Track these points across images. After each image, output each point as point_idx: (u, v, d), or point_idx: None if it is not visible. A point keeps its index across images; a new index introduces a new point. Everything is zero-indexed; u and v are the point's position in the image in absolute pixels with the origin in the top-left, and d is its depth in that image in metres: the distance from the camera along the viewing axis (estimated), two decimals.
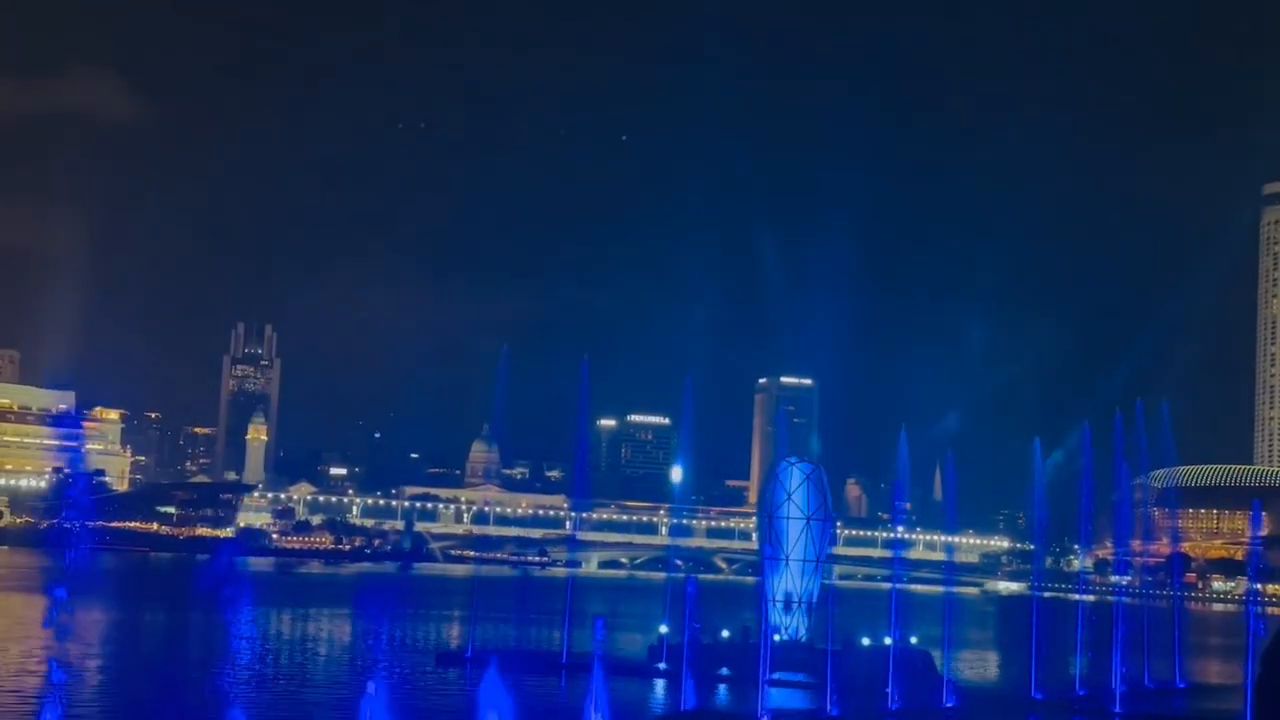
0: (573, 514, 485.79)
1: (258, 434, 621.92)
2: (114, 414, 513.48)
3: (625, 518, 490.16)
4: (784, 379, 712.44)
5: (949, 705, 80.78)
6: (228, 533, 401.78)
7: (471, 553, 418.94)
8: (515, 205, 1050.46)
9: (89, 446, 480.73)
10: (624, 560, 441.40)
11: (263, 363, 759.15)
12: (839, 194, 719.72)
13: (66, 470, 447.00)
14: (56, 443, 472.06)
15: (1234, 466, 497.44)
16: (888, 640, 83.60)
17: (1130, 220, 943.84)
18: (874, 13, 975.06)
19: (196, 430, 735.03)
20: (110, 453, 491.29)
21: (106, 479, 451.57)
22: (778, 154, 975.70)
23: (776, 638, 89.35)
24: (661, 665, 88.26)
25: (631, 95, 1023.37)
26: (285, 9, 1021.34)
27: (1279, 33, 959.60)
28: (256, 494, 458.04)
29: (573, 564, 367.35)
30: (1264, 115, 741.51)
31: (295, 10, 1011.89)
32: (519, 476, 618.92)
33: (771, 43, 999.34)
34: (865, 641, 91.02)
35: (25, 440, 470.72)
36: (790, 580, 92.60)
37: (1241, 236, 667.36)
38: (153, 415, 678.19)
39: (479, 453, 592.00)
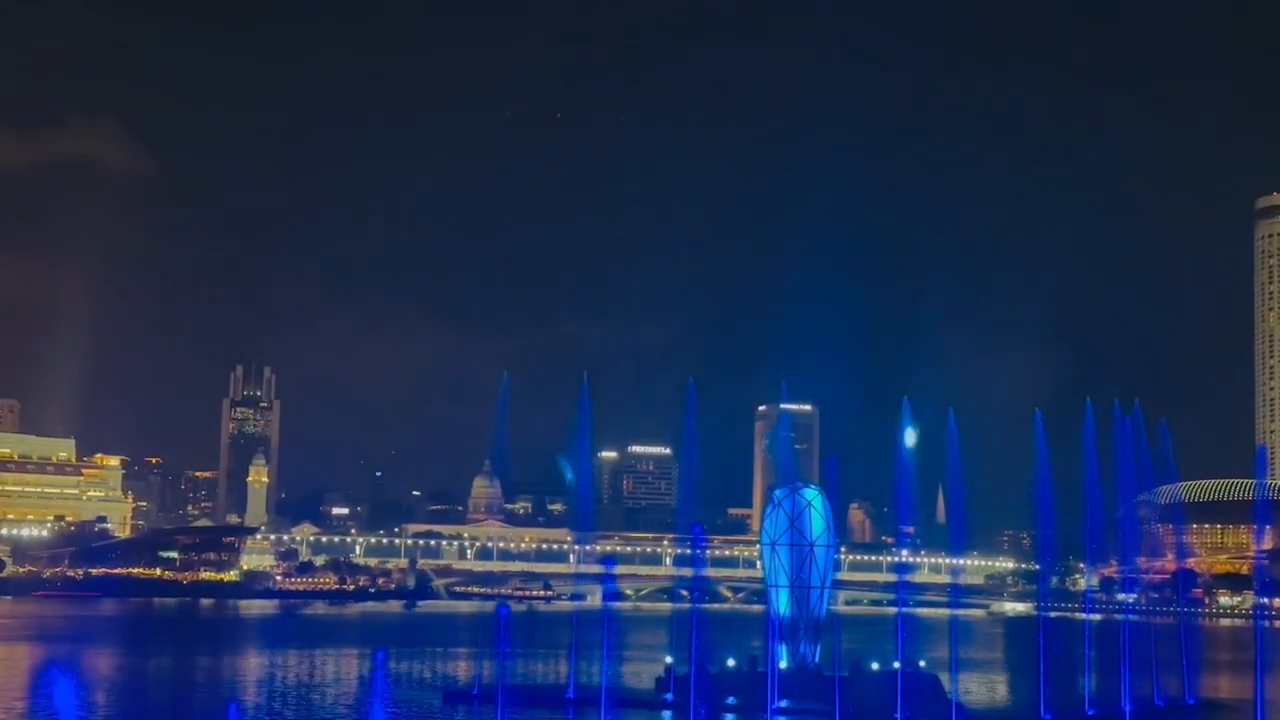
0: (576, 547, 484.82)
1: (259, 476, 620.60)
2: (114, 460, 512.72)
3: (629, 549, 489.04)
4: (784, 405, 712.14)
5: None
6: (231, 576, 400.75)
7: (476, 589, 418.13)
8: (512, 243, 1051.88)
9: (90, 494, 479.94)
10: (629, 592, 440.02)
11: (262, 405, 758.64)
12: (837, 218, 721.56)
13: (68, 518, 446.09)
14: (58, 491, 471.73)
15: (1237, 481, 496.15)
16: (896, 664, 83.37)
17: (1125, 239, 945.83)
18: (861, 43, 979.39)
19: (197, 474, 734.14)
20: (111, 499, 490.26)
21: (108, 526, 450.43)
22: (777, 183, 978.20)
23: (783, 665, 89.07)
24: (668, 697, 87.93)
25: (626, 129, 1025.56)
26: (282, 59, 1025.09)
27: (1271, 46, 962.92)
28: (259, 536, 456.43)
29: (577, 597, 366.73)
30: (1255, 129, 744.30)
31: (292, 60, 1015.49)
32: (521, 511, 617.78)
33: (769, 72, 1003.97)
34: (874, 666, 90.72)
35: (26, 489, 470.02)
36: (796, 607, 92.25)
37: (1236, 251, 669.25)
38: (153, 460, 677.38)
39: (481, 488, 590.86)
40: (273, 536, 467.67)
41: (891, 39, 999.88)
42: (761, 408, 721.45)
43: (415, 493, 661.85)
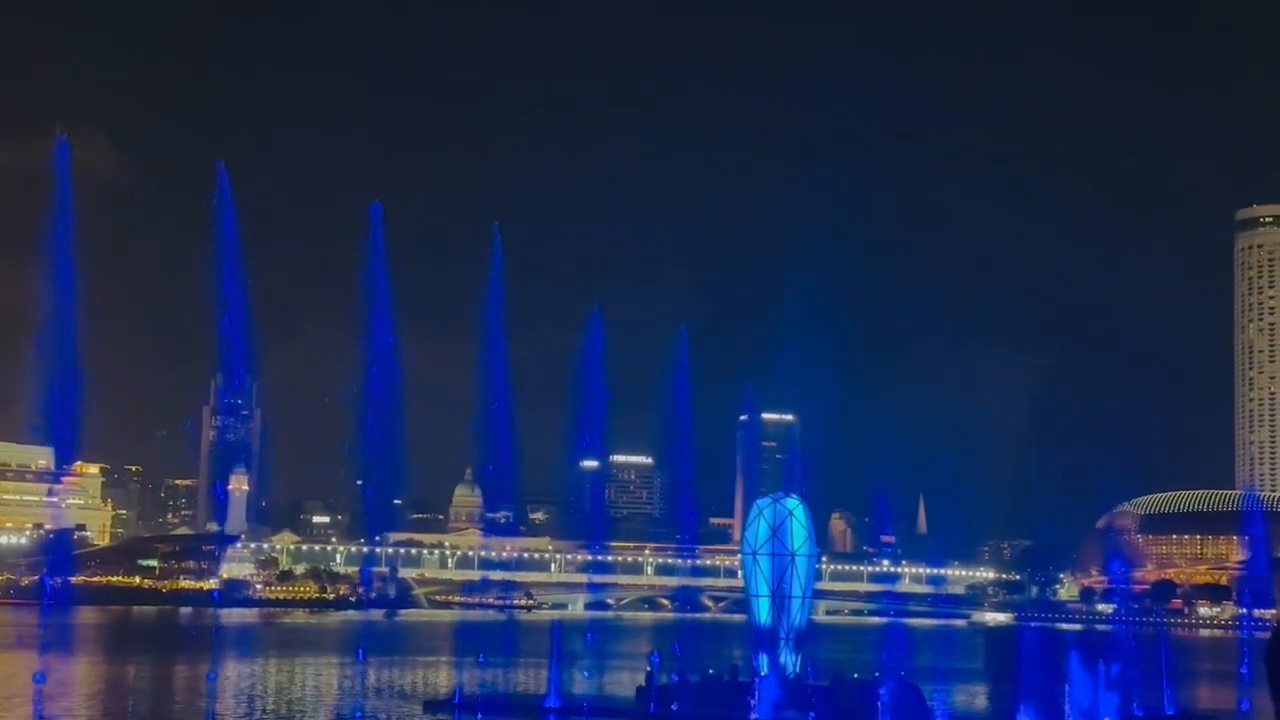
0: (557, 556, 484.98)
1: (239, 485, 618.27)
2: (94, 468, 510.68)
3: (610, 558, 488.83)
4: (765, 415, 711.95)
5: None
6: (211, 584, 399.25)
7: (457, 597, 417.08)
8: (489, 251, 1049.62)
9: (70, 502, 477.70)
10: (610, 601, 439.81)
11: (243, 413, 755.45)
12: (821, 229, 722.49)
13: (47, 526, 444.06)
14: (37, 499, 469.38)
15: (1217, 491, 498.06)
16: (876, 674, 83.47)
17: (1105, 250, 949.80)
18: (859, 49, 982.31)
19: (177, 483, 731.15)
20: (91, 507, 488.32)
21: (88, 534, 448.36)
22: (762, 190, 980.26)
23: (764, 675, 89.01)
24: (650, 706, 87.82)
25: (615, 135, 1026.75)
26: (268, 70, 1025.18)
27: (1255, 58, 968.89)
28: (239, 545, 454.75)
29: (559, 606, 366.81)
30: (1237, 141, 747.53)
31: (279, 71, 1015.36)
32: (503, 520, 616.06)
33: (754, 86, 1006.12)
34: (854, 675, 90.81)
35: (4, 497, 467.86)
36: (777, 617, 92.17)
37: (1216, 263, 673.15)
38: (133, 468, 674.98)
39: (462, 497, 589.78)
40: (253, 545, 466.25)
41: (879, 55, 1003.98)
42: (743, 417, 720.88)
43: (396, 501, 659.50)
